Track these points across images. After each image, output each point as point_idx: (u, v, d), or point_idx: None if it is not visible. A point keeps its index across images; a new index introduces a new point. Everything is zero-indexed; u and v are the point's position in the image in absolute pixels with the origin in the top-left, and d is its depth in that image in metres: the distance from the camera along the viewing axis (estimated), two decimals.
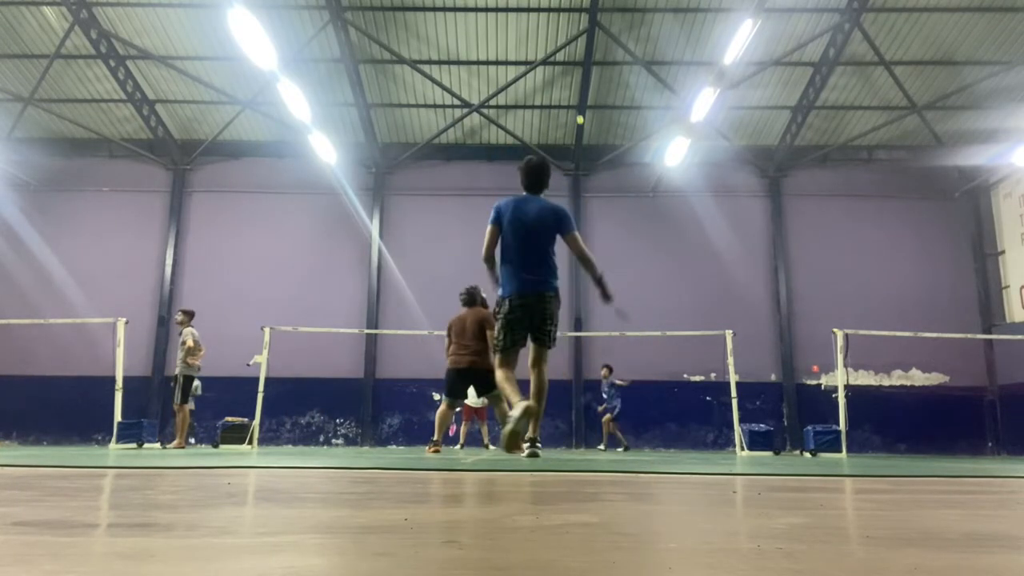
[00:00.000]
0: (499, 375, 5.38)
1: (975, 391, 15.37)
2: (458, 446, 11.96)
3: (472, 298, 7.64)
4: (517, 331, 5.31)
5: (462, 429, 12.30)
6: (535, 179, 5.39)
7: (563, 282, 16.35)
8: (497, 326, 5.38)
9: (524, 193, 5.45)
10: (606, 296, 5.58)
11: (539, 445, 5.51)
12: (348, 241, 15.95)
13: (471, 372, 7.33)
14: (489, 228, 5.25)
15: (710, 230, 15.92)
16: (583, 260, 5.47)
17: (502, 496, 2.20)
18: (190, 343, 10.22)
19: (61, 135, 16.24)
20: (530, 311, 5.30)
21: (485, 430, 12.00)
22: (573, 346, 15.38)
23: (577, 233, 5.41)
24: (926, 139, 15.74)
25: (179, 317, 10.57)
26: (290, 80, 12.76)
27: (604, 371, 13.84)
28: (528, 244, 5.27)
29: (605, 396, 13.79)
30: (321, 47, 14.04)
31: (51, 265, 15.66)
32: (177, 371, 10.37)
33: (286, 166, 16.23)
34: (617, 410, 13.51)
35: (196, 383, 12.28)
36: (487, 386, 7.16)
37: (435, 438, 7.76)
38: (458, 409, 9.85)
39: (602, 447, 13.62)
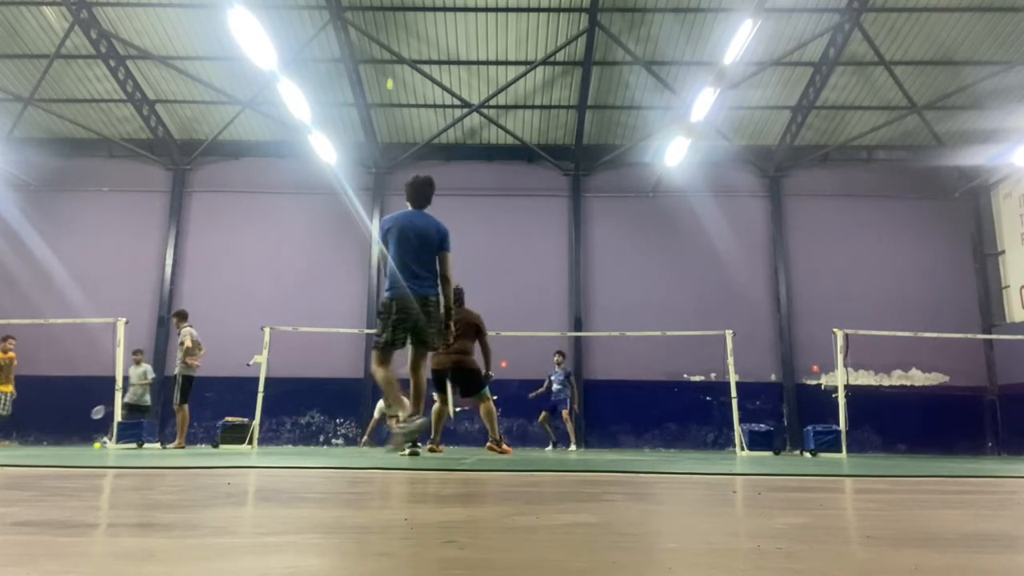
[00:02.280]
0: (380, 375, 5.65)
1: (975, 391, 15.37)
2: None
3: (459, 298, 7.65)
4: (398, 332, 5.60)
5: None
6: (420, 195, 5.92)
7: (562, 283, 16.39)
8: (380, 325, 5.67)
9: (409, 208, 5.91)
10: (446, 328, 5.81)
11: (419, 445, 5.87)
12: (348, 241, 15.94)
13: (457, 371, 7.45)
14: (379, 249, 5.76)
15: (710, 230, 15.91)
16: (444, 281, 5.78)
17: (502, 496, 2.20)
18: (188, 343, 10.24)
19: (61, 135, 16.24)
20: (413, 314, 5.59)
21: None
22: (573, 346, 15.37)
23: (450, 255, 5.83)
24: (926, 139, 15.74)
25: (173, 320, 10.63)
26: (290, 80, 12.76)
27: (558, 357, 13.12)
28: (413, 254, 5.67)
29: (559, 387, 12.99)
30: (321, 47, 14.03)
31: (51, 265, 15.66)
32: (176, 371, 10.39)
33: (286, 166, 16.23)
34: (568, 401, 13.04)
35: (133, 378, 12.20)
36: (473, 387, 7.36)
37: (433, 436, 7.78)
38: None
39: (560, 446, 13.08)
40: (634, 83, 14.91)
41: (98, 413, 12.32)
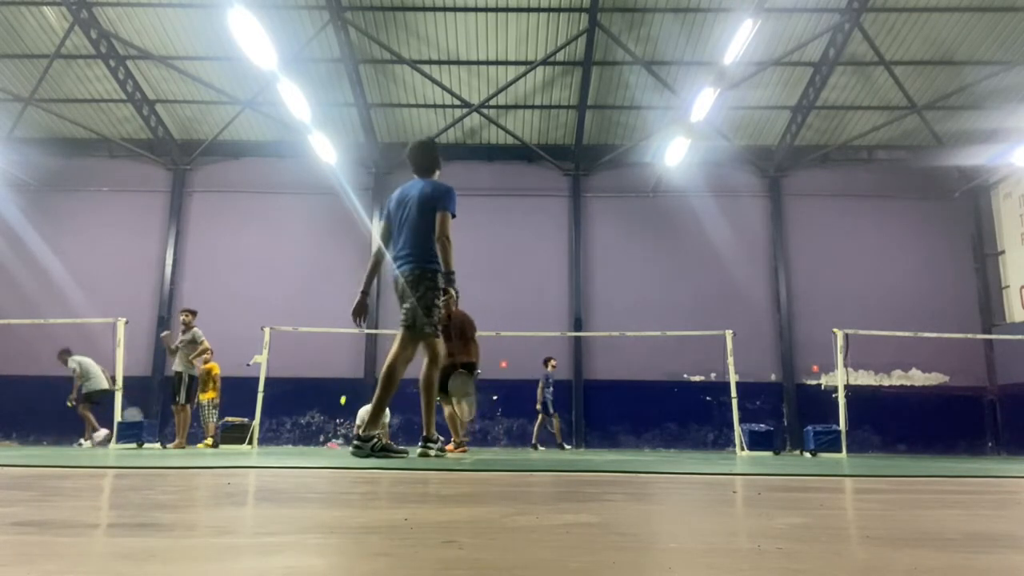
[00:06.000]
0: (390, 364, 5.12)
1: (975, 391, 15.37)
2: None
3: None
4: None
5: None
6: (417, 161, 5.36)
7: (562, 283, 16.35)
8: None
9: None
10: (447, 304, 5.21)
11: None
12: (348, 241, 15.95)
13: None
14: (381, 224, 5.40)
15: (710, 230, 15.92)
16: (439, 242, 5.09)
17: (502, 496, 2.20)
18: (206, 343, 10.35)
19: (61, 135, 16.24)
20: (398, 291, 5.19)
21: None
22: (573, 346, 15.37)
23: (448, 215, 5.11)
24: (926, 139, 15.74)
25: (187, 318, 10.55)
26: (290, 80, 12.76)
27: (553, 363, 13.54)
28: (401, 227, 5.21)
29: (550, 391, 13.46)
30: (321, 47, 14.04)
31: (51, 265, 15.66)
32: (180, 370, 10.38)
33: (286, 166, 16.23)
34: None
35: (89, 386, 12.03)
36: (443, 386, 7.29)
37: (459, 439, 7.82)
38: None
39: (568, 445, 13.83)
40: (634, 83, 14.92)
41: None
